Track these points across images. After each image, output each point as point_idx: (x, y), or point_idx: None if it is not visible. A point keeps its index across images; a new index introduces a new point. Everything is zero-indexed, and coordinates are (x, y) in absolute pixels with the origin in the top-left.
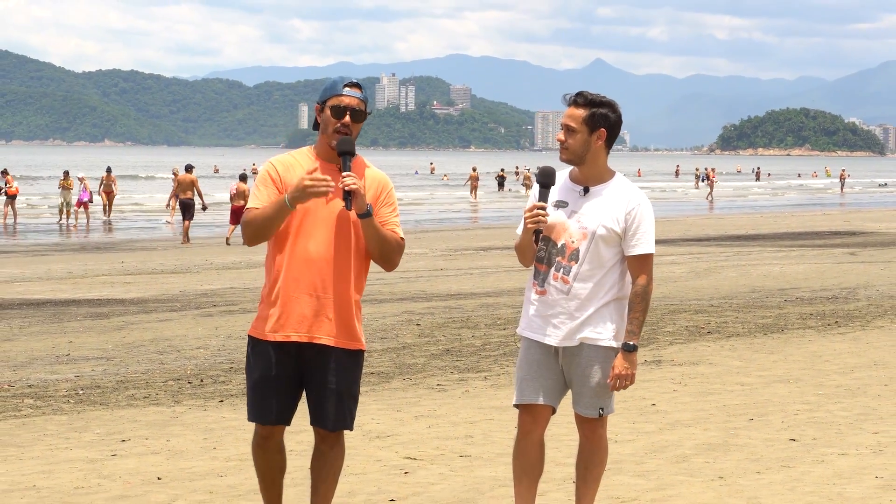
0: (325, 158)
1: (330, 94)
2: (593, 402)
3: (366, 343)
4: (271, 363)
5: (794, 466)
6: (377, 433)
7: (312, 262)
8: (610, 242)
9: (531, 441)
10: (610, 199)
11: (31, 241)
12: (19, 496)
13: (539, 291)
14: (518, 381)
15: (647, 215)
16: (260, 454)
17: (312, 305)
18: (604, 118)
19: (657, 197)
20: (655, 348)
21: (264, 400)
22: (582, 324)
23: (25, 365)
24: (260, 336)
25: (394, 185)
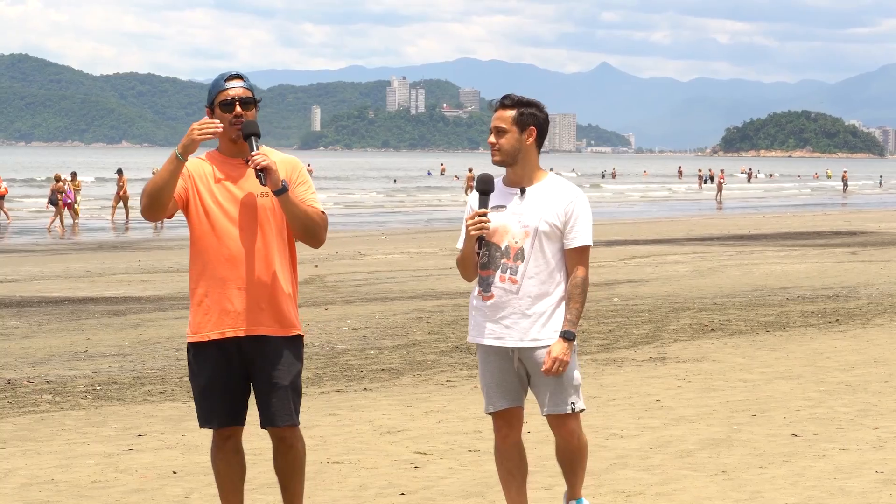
0: (228, 154)
1: (215, 92)
2: (562, 399)
3: (379, 341)
4: (215, 364)
5: (795, 461)
6: (388, 428)
7: (234, 257)
8: (552, 238)
9: (510, 444)
10: (548, 196)
11: (50, 240)
12: (38, 490)
13: (485, 297)
14: (484, 390)
15: (584, 209)
16: (219, 458)
17: (243, 298)
18: (532, 116)
19: (665, 198)
20: (660, 345)
21: (214, 403)
22: (535, 322)
23: (44, 361)
24: (198, 339)
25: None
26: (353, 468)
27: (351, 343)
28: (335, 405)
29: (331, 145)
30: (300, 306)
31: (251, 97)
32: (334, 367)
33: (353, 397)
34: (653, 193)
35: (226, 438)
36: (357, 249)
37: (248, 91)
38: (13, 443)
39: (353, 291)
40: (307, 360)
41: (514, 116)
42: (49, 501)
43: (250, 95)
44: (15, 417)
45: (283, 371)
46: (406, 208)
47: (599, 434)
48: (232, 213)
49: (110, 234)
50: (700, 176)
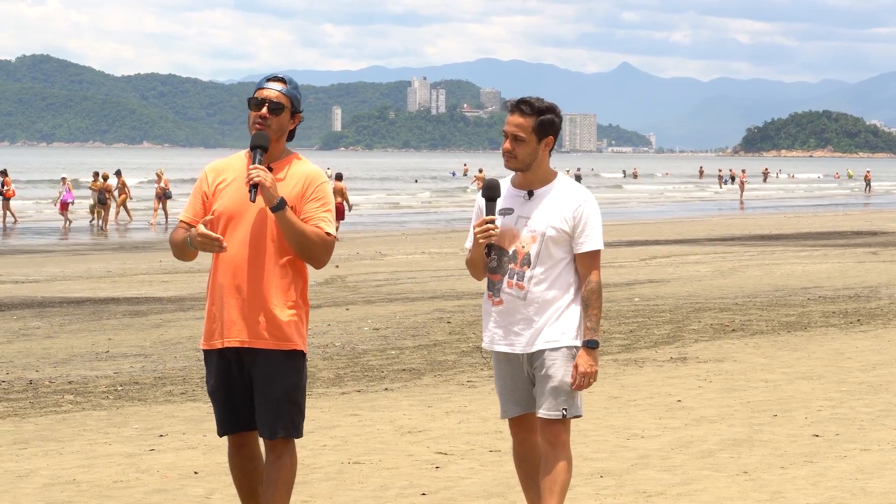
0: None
1: (255, 90)
2: (555, 403)
3: (400, 341)
4: (218, 372)
5: (817, 462)
6: (409, 428)
7: (238, 266)
8: (560, 242)
9: (528, 447)
10: (555, 199)
11: (72, 240)
12: (60, 490)
13: (496, 302)
14: (499, 396)
15: (594, 213)
16: (235, 464)
17: (241, 309)
18: (551, 125)
19: (685, 198)
20: (681, 346)
21: (224, 410)
22: (542, 328)
23: (66, 362)
24: (205, 347)
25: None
26: (375, 468)
27: (372, 343)
28: (356, 405)
29: (351, 146)
30: (320, 307)
31: (281, 105)
32: (355, 368)
33: (374, 397)
34: (686, 194)
35: (239, 446)
36: (378, 250)
37: (283, 97)
38: (35, 443)
39: (374, 291)
40: (328, 360)
41: (533, 125)
42: (71, 501)
43: (283, 102)
44: (37, 418)
45: (275, 383)
46: (432, 209)
47: (621, 434)
48: (243, 218)
49: (135, 234)
50: (720, 176)
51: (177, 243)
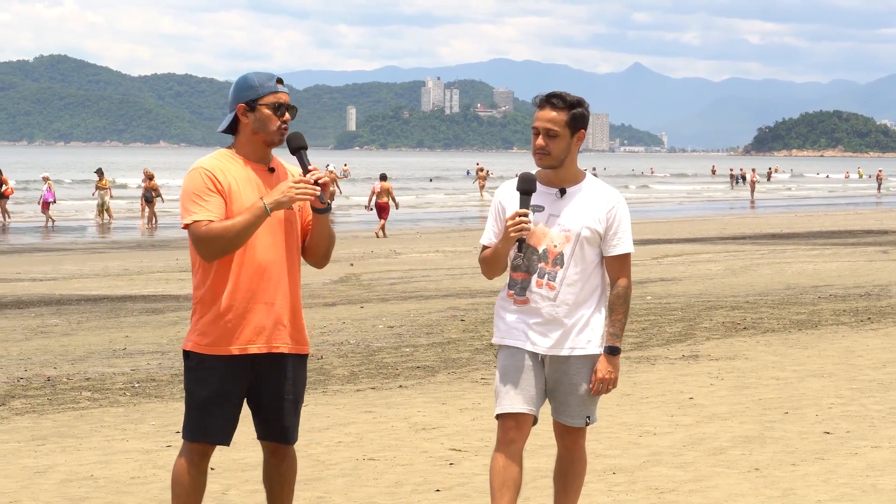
0: (253, 160)
1: (265, 91)
2: (581, 411)
3: (414, 338)
4: (223, 379)
5: (828, 459)
6: (423, 425)
7: (264, 271)
8: (593, 243)
9: (513, 452)
10: (588, 199)
11: (89, 239)
12: (77, 486)
13: (519, 301)
14: (501, 390)
15: (626, 214)
16: (193, 475)
17: (269, 314)
18: (583, 118)
19: (702, 198)
20: (693, 343)
21: (215, 418)
22: (570, 331)
23: (83, 359)
24: (208, 351)
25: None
26: (389, 465)
27: (386, 341)
28: (371, 402)
29: (366, 145)
30: (335, 305)
31: (295, 108)
32: (370, 365)
33: (388, 395)
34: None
35: (202, 455)
36: (392, 248)
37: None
38: (53, 439)
39: (389, 289)
40: (343, 357)
41: (567, 119)
42: (88, 497)
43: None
44: (55, 414)
45: (295, 387)
46: (447, 208)
47: (633, 431)
48: (265, 223)
49: (156, 233)
50: (732, 175)
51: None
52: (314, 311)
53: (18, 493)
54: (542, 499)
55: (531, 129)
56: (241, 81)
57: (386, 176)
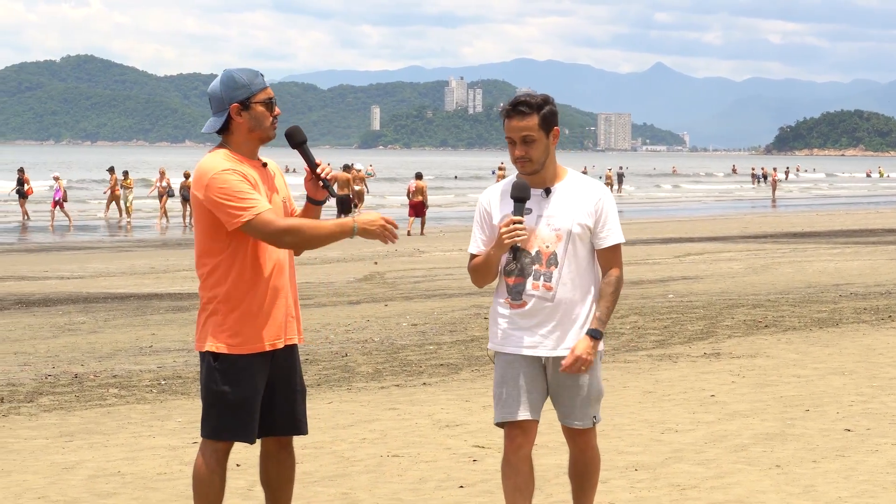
0: (249, 157)
1: (257, 88)
2: (587, 412)
3: (438, 336)
4: (256, 377)
5: (849, 456)
6: (447, 422)
7: (282, 266)
8: (584, 239)
9: (521, 457)
10: (574, 194)
11: (116, 237)
12: (105, 482)
13: (515, 305)
14: (502, 398)
15: (612, 205)
16: (220, 473)
17: (288, 307)
18: (553, 115)
19: (733, 197)
20: (714, 341)
21: (250, 417)
22: (570, 329)
23: (110, 356)
24: (240, 351)
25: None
26: (413, 461)
27: (410, 339)
28: (395, 400)
29: (390, 144)
30: (360, 303)
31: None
32: (394, 363)
33: (412, 392)
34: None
35: (226, 454)
36: (416, 247)
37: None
38: (81, 436)
39: (413, 288)
40: (368, 355)
41: (538, 122)
42: (115, 493)
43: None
44: (82, 411)
45: (301, 377)
46: (470, 206)
47: (655, 428)
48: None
49: (177, 231)
50: (753, 174)
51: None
52: (339, 308)
53: (46, 488)
54: (564, 495)
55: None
56: (227, 80)
57: (421, 175)
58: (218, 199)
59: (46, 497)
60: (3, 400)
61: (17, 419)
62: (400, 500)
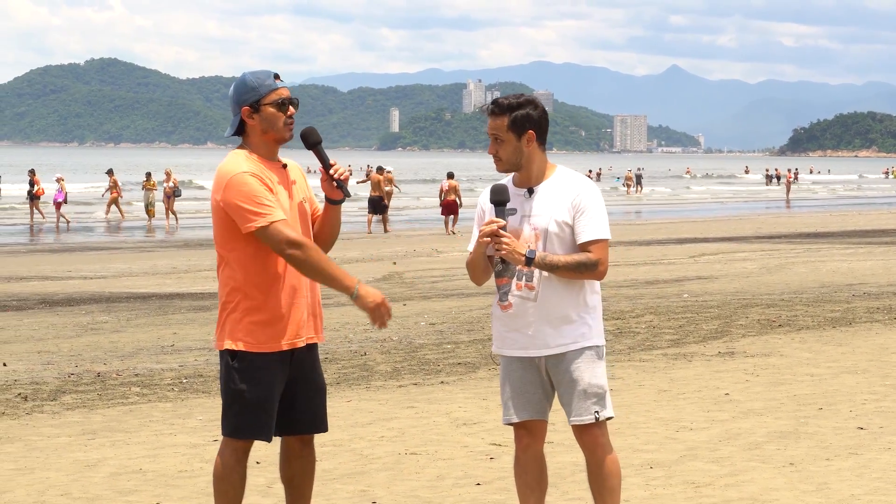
0: (268, 158)
1: (266, 90)
2: (586, 407)
3: (455, 335)
4: (275, 376)
5: (861, 454)
6: (464, 420)
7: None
8: (564, 237)
9: (531, 456)
10: (555, 192)
11: (138, 238)
12: (126, 479)
13: (504, 306)
14: (505, 400)
15: (593, 201)
16: (237, 472)
17: (308, 307)
18: (527, 119)
19: (742, 198)
20: (729, 340)
21: (268, 415)
22: (559, 327)
23: (133, 355)
24: (259, 349)
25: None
26: (431, 459)
27: (428, 338)
28: (413, 398)
29: (409, 146)
30: None
31: (298, 100)
32: (412, 361)
33: (430, 390)
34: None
35: (246, 452)
36: (434, 247)
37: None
38: (103, 433)
39: (431, 287)
40: (386, 354)
41: (507, 124)
42: (137, 490)
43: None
44: (105, 409)
45: (321, 373)
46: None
47: (670, 426)
48: (293, 219)
49: (199, 231)
50: (767, 175)
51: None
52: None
53: (69, 485)
54: (580, 492)
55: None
56: (239, 84)
57: (453, 174)
58: (236, 201)
59: (69, 494)
60: (26, 398)
61: (40, 417)
62: (418, 498)
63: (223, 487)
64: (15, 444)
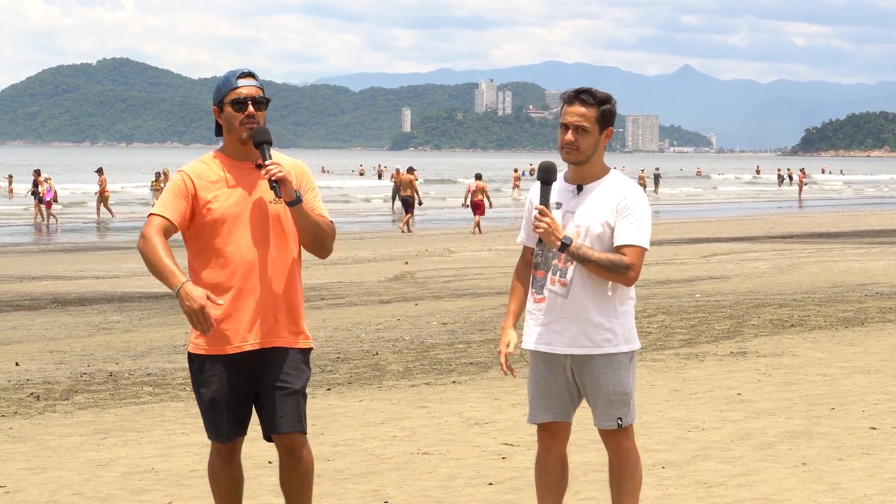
0: (236, 157)
1: (226, 90)
2: (609, 413)
3: (467, 335)
4: (225, 379)
5: (874, 454)
6: (476, 420)
7: (249, 267)
8: (605, 239)
9: (552, 457)
10: (603, 195)
11: None
12: (139, 478)
13: (538, 299)
14: (530, 400)
15: (639, 207)
16: (224, 472)
17: (258, 311)
18: (612, 115)
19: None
20: (741, 340)
21: (222, 417)
22: (586, 328)
23: (145, 354)
24: (207, 352)
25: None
26: (443, 458)
27: (440, 337)
28: (425, 398)
29: (420, 146)
30: (391, 302)
31: (263, 97)
32: (424, 361)
33: (442, 390)
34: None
35: (231, 452)
36: (446, 246)
37: (259, 90)
38: (115, 433)
39: (443, 287)
40: (398, 353)
41: (597, 115)
42: (149, 490)
43: (262, 95)
44: (117, 409)
45: (293, 377)
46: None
47: (682, 426)
48: (244, 220)
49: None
50: (780, 175)
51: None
52: (370, 308)
53: (81, 485)
54: (592, 492)
55: (560, 126)
56: (218, 81)
57: (481, 175)
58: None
59: (81, 493)
60: (39, 398)
61: (53, 417)
62: (429, 497)
63: (213, 487)
64: (27, 443)
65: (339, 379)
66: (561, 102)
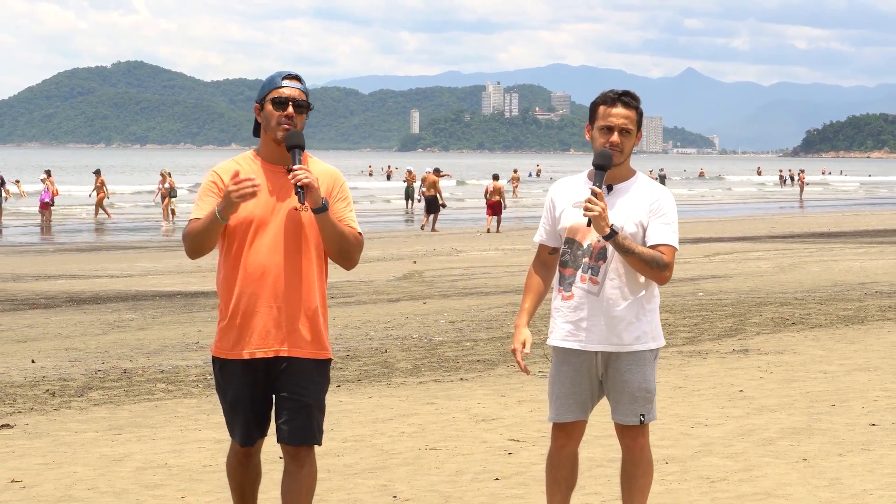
0: (270, 160)
1: (269, 88)
2: (633, 409)
3: (474, 333)
4: (241, 383)
5: (873, 450)
6: (483, 416)
7: (268, 273)
8: (637, 239)
9: (565, 454)
10: (634, 195)
11: (163, 237)
12: (152, 473)
13: (566, 297)
14: (553, 398)
15: (670, 208)
16: (241, 471)
17: (275, 318)
18: (643, 117)
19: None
20: (743, 338)
21: (239, 420)
22: (616, 326)
23: (158, 352)
24: (225, 356)
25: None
26: (450, 454)
27: (448, 335)
28: (433, 394)
29: (428, 147)
30: (399, 301)
31: (305, 101)
32: (432, 359)
33: (449, 387)
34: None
35: (248, 454)
36: (453, 246)
37: (303, 94)
38: (129, 429)
39: (450, 286)
40: (407, 351)
41: (637, 118)
42: (162, 485)
43: (305, 99)
44: (131, 405)
45: (311, 390)
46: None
47: (685, 422)
48: (273, 225)
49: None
50: (781, 176)
51: (198, 229)
52: (379, 306)
53: (96, 480)
54: (596, 487)
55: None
56: (264, 80)
57: (498, 176)
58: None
59: (96, 488)
60: (54, 394)
61: (67, 413)
62: (437, 492)
63: (231, 483)
64: (43, 438)
65: (348, 376)
66: (597, 104)
